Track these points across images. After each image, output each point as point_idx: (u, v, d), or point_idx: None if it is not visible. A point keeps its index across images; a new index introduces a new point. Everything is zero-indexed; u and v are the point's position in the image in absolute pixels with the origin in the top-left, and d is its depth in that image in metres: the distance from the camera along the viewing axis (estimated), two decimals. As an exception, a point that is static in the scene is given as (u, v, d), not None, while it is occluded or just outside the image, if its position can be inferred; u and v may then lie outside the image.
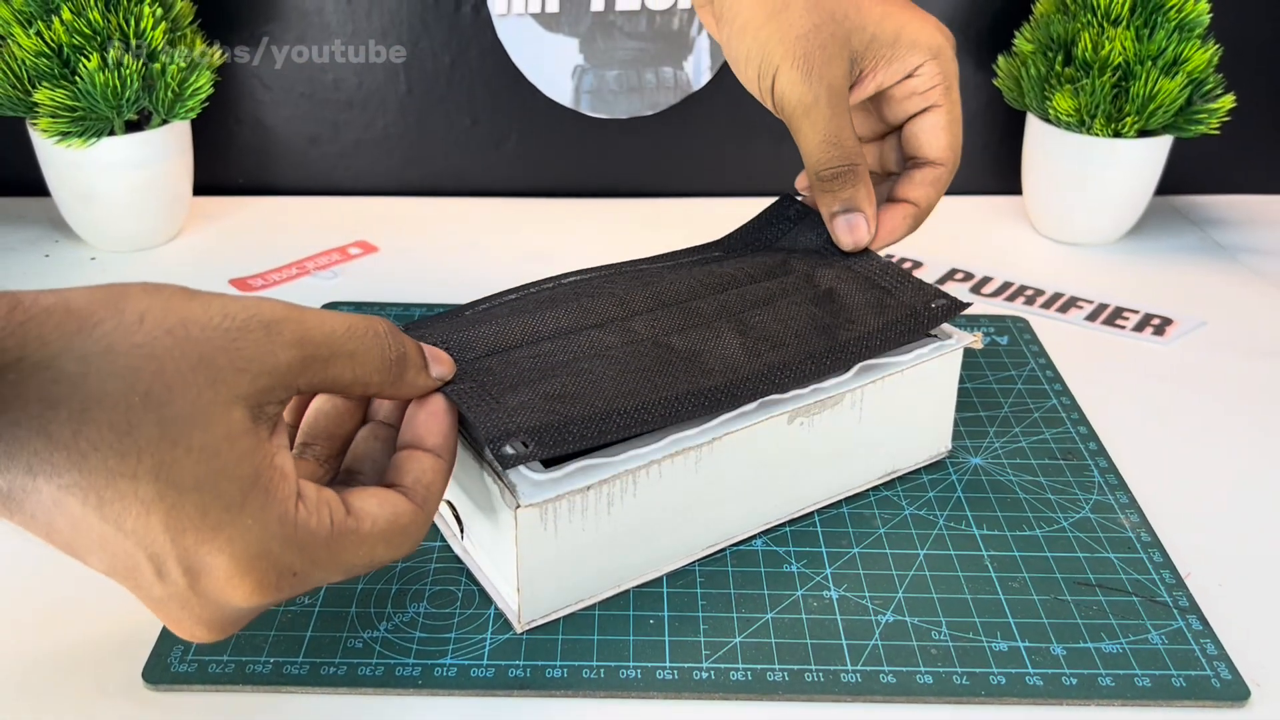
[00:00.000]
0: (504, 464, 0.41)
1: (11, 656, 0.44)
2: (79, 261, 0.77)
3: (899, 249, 0.79)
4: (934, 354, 0.52)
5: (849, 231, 0.54)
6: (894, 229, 0.55)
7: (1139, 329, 0.70)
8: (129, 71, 0.70)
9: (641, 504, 0.45)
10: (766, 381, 0.47)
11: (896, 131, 0.58)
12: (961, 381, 0.57)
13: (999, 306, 0.72)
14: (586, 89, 0.82)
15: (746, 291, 0.52)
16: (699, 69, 0.83)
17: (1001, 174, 0.88)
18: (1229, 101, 0.74)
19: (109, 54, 0.70)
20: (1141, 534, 0.51)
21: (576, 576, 0.45)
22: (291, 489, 0.35)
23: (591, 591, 0.46)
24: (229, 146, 0.85)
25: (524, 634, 0.45)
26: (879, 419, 0.51)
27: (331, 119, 0.85)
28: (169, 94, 0.73)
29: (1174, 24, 0.73)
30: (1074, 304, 0.72)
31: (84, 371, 0.32)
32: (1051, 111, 0.76)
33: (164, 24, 0.72)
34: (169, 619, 0.36)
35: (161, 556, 0.33)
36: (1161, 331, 0.70)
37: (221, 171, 0.86)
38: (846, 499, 0.53)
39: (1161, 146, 0.77)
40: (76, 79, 0.70)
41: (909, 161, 0.57)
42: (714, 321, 0.49)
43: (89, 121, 0.71)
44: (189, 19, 0.75)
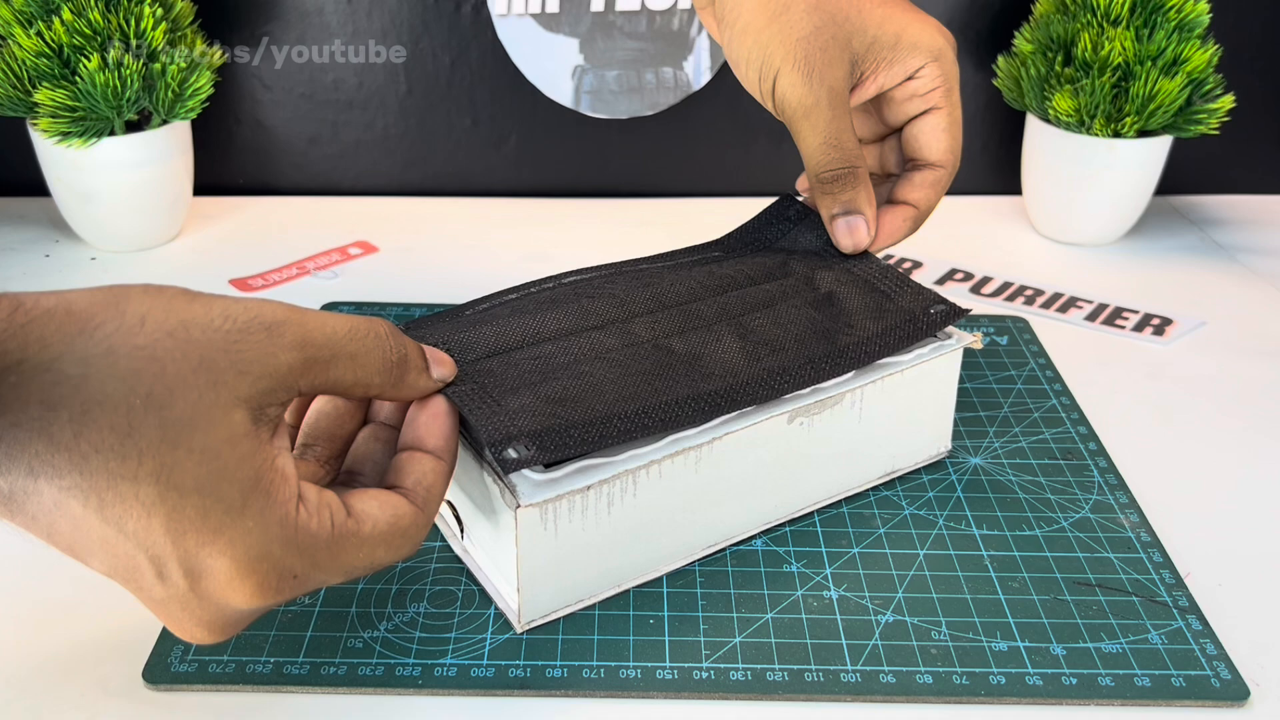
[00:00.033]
0: (506, 468, 0.41)
1: (11, 656, 0.44)
2: (79, 262, 0.77)
3: (899, 249, 0.79)
4: (934, 354, 0.52)
5: (849, 234, 0.54)
6: (894, 231, 0.55)
7: (1139, 329, 0.70)
8: (129, 72, 0.70)
9: (641, 504, 0.45)
10: (766, 386, 0.47)
11: (896, 133, 0.58)
12: (961, 381, 0.57)
13: (999, 307, 0.72)
14: (586, 89, 0.82)
15: (746, 294, 0.52)
16: (699, 69, 0.83)
17: (1001, 174, 0.88)
18: (1228, 102, 0.74)
19: (109, 54, 0.70)
20: (1141, 534, 0.51)
21: (576, 576, 0.46)
22: (292, 491, 0.36)
23: (591, 591, 0.46)
24: (229, 146, 0.85)
25: (524, 634, 0.45)
26: (879, 419, 0.51)
27: (331, 119, 0.85)
28: (169, 94, 0.73)
29: (1174, 24, 0.73)
30: (1074, 304, 0.72)
31: (85, 373, 0.32)
32: (1051, 112, 0.76)
33: (164, 24, 0.72)
34: (170, 620, 0.36)
35: (162, 558, 0.34)
36: (1161, 331, 0.70)
37: (222, 171, 0.86)
38: (846, 499, 0.53)
39: (1161, 147, 0.77)
40: (77, 79, 0.70)
41: (909, 163, 0.57)
42: (714, 324, 0.50)
43: (89, 122, 0.71)
44: (189, 19, 0.75)
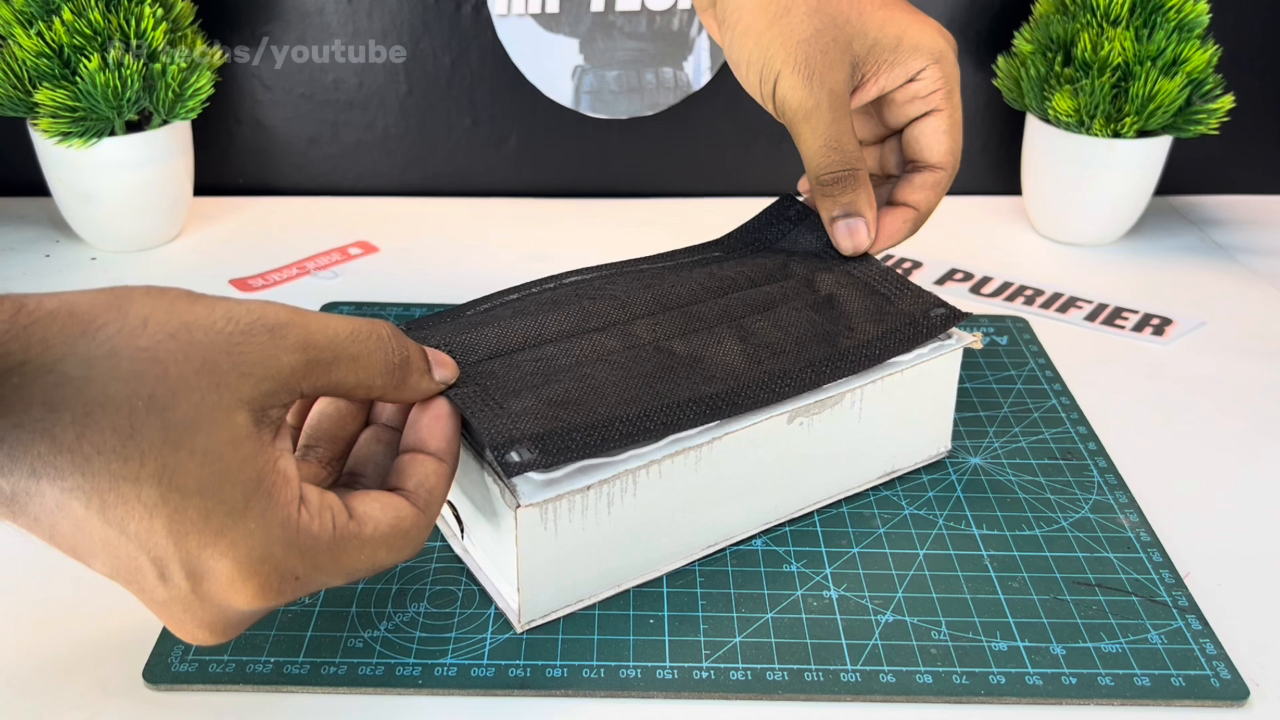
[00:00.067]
0: (508, 472, 0.41)
1: (11, 656, 0.44)
2: (79, 262, 0.77)
3: (899, 249, 0.79)
4: (934, 354, 0.52)
5: (849, 236, 0.54)
6: (893, 232, 0.55)
7: (1138, 329, 0.70)
8: (129, 72, 0.70)
9: (641, 504, 0.45)
10: (767, 389, 0.47)
11: (897, 135, 0.58)
12: (961, 381, 0.57)
13: (999, 307, 0.72)
14: (586, 89, 0.82)
15: (747, 296, 0.52)
16: (699, 69, 0.83)
17: (1001, 174, 0.88)
18: (1228, 102, 0.74)
19: (109, 54, 0.70)
20: (1141, 533, 0.51)
21: (576, 576, 0.46)
22: (294, 493, 0.36)
23: (591, 591, 0.46)
24: (229, 147, 0.85)
25: (524, 634, 0.45)
26: (879, 419, 0.51)
27: (331, 119, 0.85)
28: (169, 94, 0.73)
29: (1173, 24, 0.73)
30: (1073, 304, 0.73)
31: (87, 375, 0.32)
32: (1051, 112, 0.76)
33: (164, 24, 0.72)
34: (171, 622, 0.36)
35: (164, 560, 0.34)
36: (1161, 331, 0.70)
37: (222, 172, 0.86)
38: (846, 499, 0.53)
39: (1161, 147, 0.77)
40: (77, 79, 0.70)
41: (909, 165, 0.57)
42: (715, 326, 0.50)
43: (90, 122, 0.71)
44: (189, 19, 0.75)
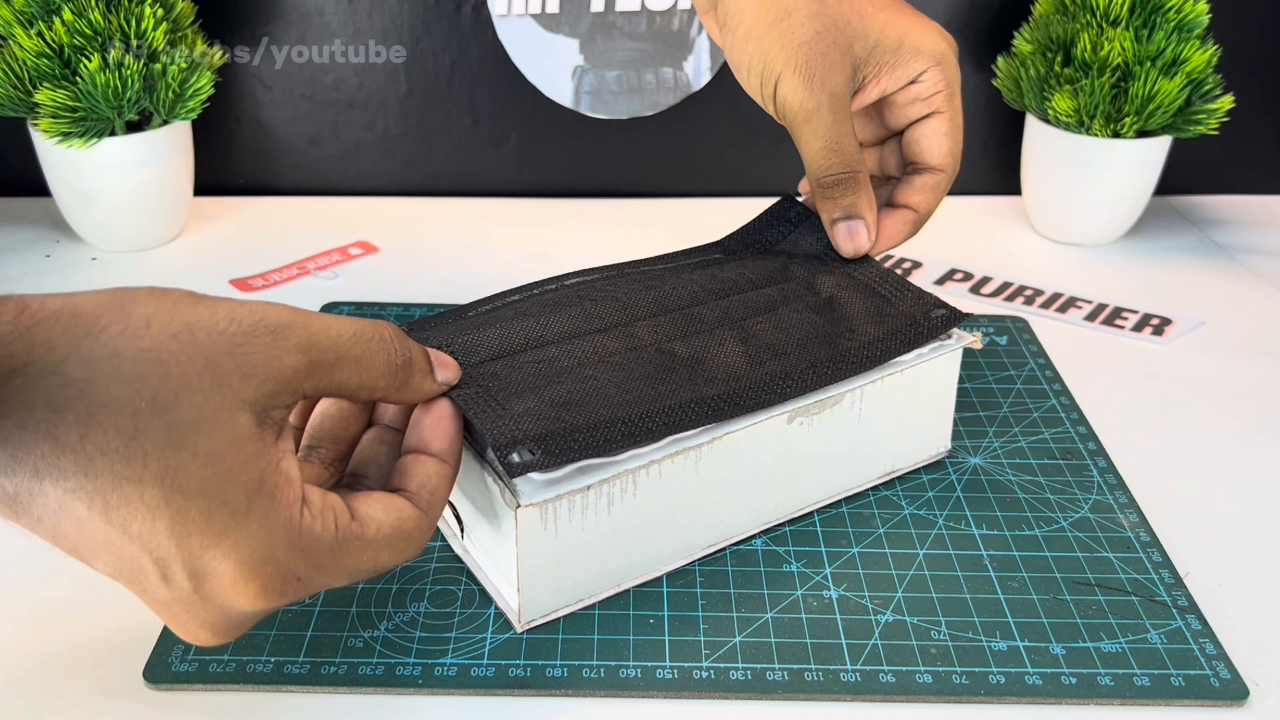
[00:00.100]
0: (511, 472, 0.41)
1: (11, 656, 0.44)
2: (80, 262, 0.77)
3: (899, 249, 0.79)
4: (934, 354, 0.52)
5: (849, 238, 0.54)
6: (894, 234, 0.55)
7: (1138, 329, 0.70)
8: (130, 72, 0.70)
9: (641, 504, 0.45)
10: (768, 391, 0.47)
11: (897, 136, 0.58)
12: (961, 381, 0.57)
13: (998, 307, 0.72)
14: (586, 89, 0.83)
15: (748, 298, 0.52)
16: (699, 69, 0.83)
17: (1001, 174, 0.88)
18: (1228, 102, 0.75)
19: (110, 54, 0.70)
20: (1140, 533, 0.51)
21: (576, 576, 0.46)
22: (296, 494, 0.36)
23: (591, 591, 0.47)
24: (229, 147, 0.85)
25: (524, 633, 0.45)
26: (879, 419, 0.51)
27: (332, 119, 0.85)
28: (170, 94, 0.73)
29: (1173, 24, 0.73)
30: (1073, 304, 0.73)
31: (90, 376, 0.32)
32: (1051, 112, 0.76)
33: (165, 24, 0.72)
34: (173, 622, 0.36)
35: (167, 561, 0.34)
36: (1160, 331, 0.70)
37: (222, 172, 0.86)
38: (846, 499, 0.53)
39: (1160, 147, 0.77)
40: (77, 79, 0.70)
41: (909, 167, 0.57)
42: (716, 328, 0.50)
43: (90, 122, 0.71)
44: (189, 19, 0.76)
